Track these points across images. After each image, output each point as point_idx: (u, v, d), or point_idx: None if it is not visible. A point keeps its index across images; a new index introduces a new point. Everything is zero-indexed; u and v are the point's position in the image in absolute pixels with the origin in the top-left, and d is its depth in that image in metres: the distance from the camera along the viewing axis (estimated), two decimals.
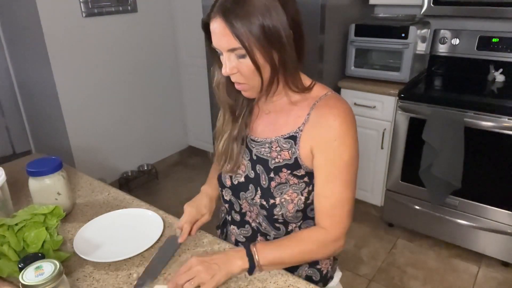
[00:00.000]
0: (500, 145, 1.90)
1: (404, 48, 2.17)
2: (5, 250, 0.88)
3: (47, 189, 1.08)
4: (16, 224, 0.91)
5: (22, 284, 0.72)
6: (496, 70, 2.24)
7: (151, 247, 0.99)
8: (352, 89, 2.33)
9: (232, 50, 0.80)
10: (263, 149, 0.95)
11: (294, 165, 0.91)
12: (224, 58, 0.83)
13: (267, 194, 0.94)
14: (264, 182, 0.94)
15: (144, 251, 0.97)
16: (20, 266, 0.81)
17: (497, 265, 2.11)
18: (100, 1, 2.53)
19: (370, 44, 2.29)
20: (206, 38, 0.87)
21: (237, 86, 0.88)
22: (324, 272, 1.05)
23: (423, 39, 2.32)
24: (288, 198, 0.93)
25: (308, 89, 0.91)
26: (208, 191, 1.12)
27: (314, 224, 0.95)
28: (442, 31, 2.37)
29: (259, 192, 0.95)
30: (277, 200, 0.93)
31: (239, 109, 0.96)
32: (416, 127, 2.10)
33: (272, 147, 0.93)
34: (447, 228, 2.19)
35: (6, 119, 2.77)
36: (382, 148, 2.31)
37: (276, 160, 0.93)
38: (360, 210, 2.62)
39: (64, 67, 2.44)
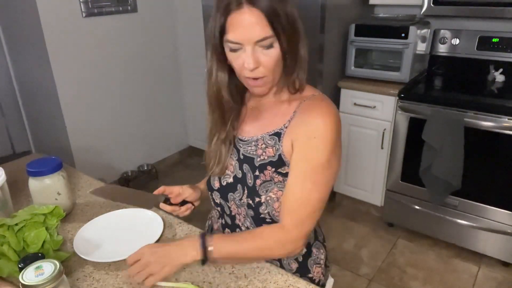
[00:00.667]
0: (500, 145, 1.90)
1: (404, 48, 2.17)
2: (5, 250, 0.88)
3: (47, 189, 1.08)
4: (16, 224, 0.91)
5: (22, 284, 0.72)
6: (496, 70, 2.24)
7: None
8: (352, 89, 2.33)
9: (262, 40, 0.80)
10: (249, 148, 0.95)
11: (278, 162, 0.91)
12: (247, 52, 0.81)
13: (252, 192, 0.94)
14: (250, 181, 0.95)
15: None
16: (20, 266, 0.81)
17: (497, 265, 2.11)
18: (100, 1, 2.53)
19: (370, 44, 2.29)
20: (218, 37, 0.84)
21: (253, 82, 0.87)
22: (316, 281, 1.05)
23: (423, 39, 2.32)
24: (273, 196, 0.93)
25: (301, 90, 0.93)
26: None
27: None
28: (442, 31, 2.37)
29: (245, 191, 0.95)
30: (263, 198, 0.93)
31: (228, 112, 0.96)
32: (416, 127, 2.09)
33: (258, 144, 0.94)
34: (447, 228, 2.19)
35: (6, 119, 2.77)
36: (382, 148, 2.31)
37: (261, 157, 0.93)
38: (360, 210, 2.62)
39: (64, 67, 2.44)
